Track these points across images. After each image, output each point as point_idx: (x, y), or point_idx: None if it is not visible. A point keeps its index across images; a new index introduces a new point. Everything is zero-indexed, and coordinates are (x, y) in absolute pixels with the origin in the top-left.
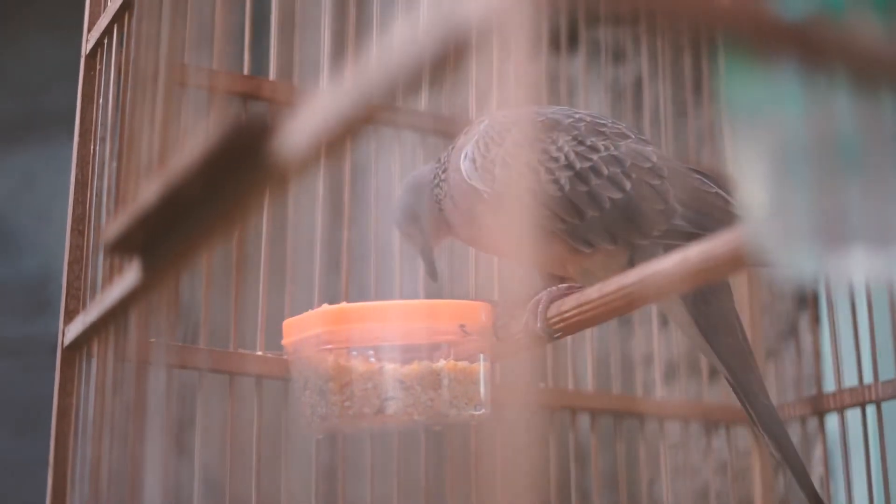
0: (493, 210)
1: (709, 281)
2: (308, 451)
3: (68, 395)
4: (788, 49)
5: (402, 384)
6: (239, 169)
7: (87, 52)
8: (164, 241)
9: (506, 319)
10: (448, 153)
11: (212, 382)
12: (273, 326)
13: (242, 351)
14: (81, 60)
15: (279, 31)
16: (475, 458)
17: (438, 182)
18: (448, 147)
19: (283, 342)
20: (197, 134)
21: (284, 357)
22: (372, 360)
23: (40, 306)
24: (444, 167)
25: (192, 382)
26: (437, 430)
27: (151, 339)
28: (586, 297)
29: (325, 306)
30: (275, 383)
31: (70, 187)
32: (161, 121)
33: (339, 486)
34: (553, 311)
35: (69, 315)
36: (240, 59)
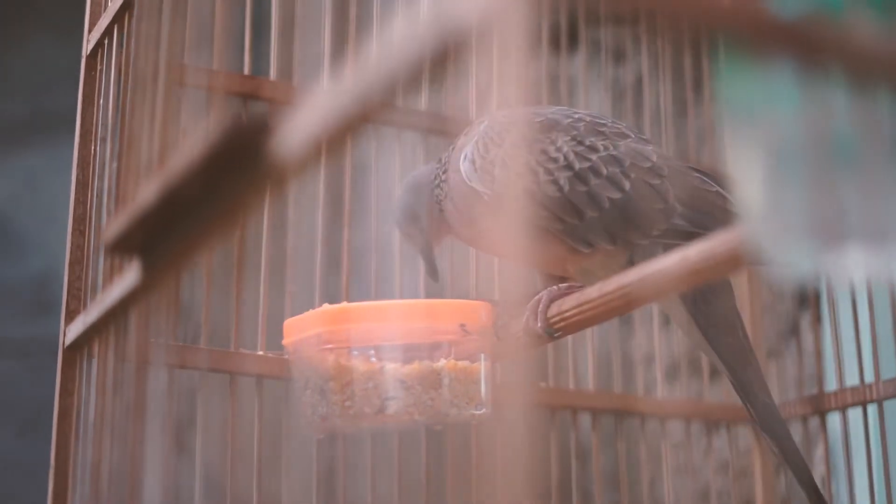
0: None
1: (709, 280)
2: (309, 450)
3: (69, 396)
4: (786, 48)
5: (402, 384)
6: (238, 169)
7: (88, 52)
8: (163, 241)
9: (506, 319)
10: (448, 154)
11: (212, 382)
12: (273, 326)
13: (243, 351)
14: (82, 61)
15: (279, 31)
16: (476, 457)
17: (439, 183)
18: (448, 147)
19: (283, 342)
20: (196, 134)
21: (285, 357)
22: (373, 359)
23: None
24: (444, 168)
25: (193, 382)
26: (437, 429)
27: (152, 339)
28: (586, 297)
29: (326, 306)
30: (275, 383)
31: (71, 188)
32: (161, 121)
33: (340, 486)
34: (553, 310)
35: (70, 315)
36: (240, 59)
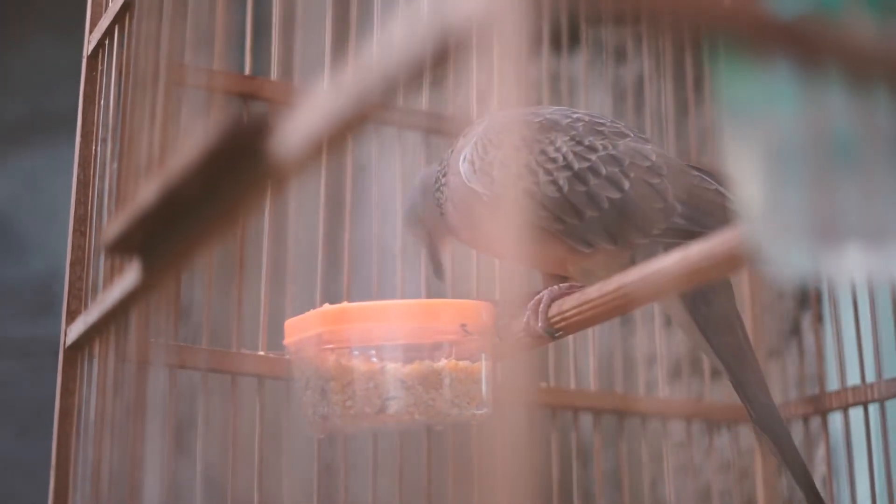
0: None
1: (709, 279)
2: (309, 450)
3: (70, 396)
4: (786, 48)
5: (403, 384)
6: (238, 169)
7: (89, 52)
8: (163, 242)
9: (507, 319)
10: (448, 155)
11: (213, 382)
12: (274, 326)
13: (244, 351)
14: (83, 61)
15: (279, 31)
16: (477, 457)
17: (439, 186)
18: (447, 149)
19: (284, 342)
20: (196, 134)
21: (286, 357)
22: (373, 359)
23: (44, 307)
24: (445, 170)
25: (194, 383)
26: (438, 429)
27: (152, 339)
28: (587, 297)
29: (327, 306)
30: (276, 383)
31: (72, 188)
32: (161, 121)
33: (341, 486)
34: (554, 310)
35: (71, 315)
36: (240, 59)
